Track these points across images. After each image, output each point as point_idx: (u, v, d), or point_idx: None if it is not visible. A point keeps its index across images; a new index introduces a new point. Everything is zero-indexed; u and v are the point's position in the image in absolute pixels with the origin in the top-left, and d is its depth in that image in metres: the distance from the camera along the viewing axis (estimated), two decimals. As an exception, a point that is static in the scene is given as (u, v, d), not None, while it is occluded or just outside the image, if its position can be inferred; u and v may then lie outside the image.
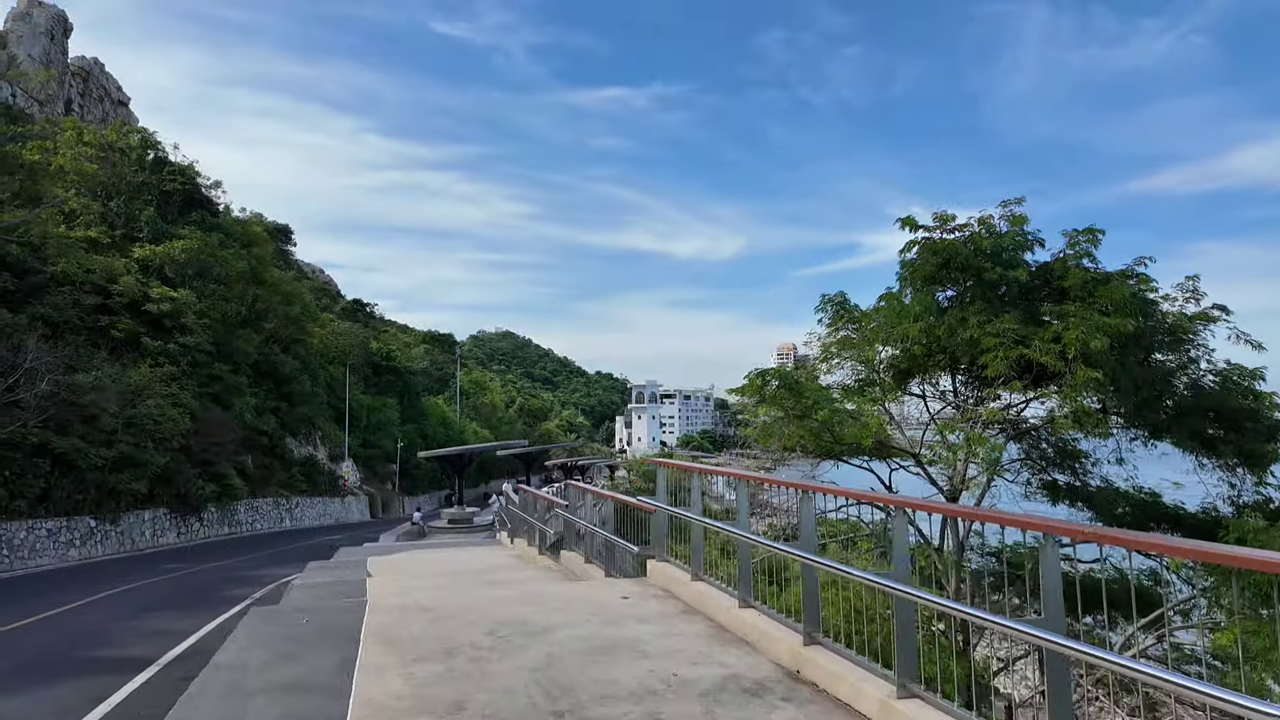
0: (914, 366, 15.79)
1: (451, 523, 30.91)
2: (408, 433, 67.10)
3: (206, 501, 33.67)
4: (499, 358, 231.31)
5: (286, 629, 6.37)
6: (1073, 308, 12.50)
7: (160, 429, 29.98)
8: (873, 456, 17.18)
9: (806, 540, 5.36)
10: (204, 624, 13.49)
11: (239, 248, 41.41)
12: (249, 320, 42.06)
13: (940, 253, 13.39)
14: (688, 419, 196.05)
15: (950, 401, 17.19)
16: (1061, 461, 16.72)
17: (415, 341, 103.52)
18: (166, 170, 39.48)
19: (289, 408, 45.95)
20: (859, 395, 16.32)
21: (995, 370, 12.63)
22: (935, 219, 13.81)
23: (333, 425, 54.05)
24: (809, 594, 5.29)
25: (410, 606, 7.07)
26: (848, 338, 17.49)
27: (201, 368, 35.98)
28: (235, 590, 18.16)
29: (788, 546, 5.30)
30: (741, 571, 6.24)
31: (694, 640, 5.90)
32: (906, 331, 13.50)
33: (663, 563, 8.08)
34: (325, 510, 46.66)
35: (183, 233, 37.02)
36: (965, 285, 14.43)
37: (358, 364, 63.04)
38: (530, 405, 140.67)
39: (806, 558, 5.15)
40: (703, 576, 7.13)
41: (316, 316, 55.75)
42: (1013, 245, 13.55)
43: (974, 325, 12.97)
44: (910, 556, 13.14)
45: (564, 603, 7.17)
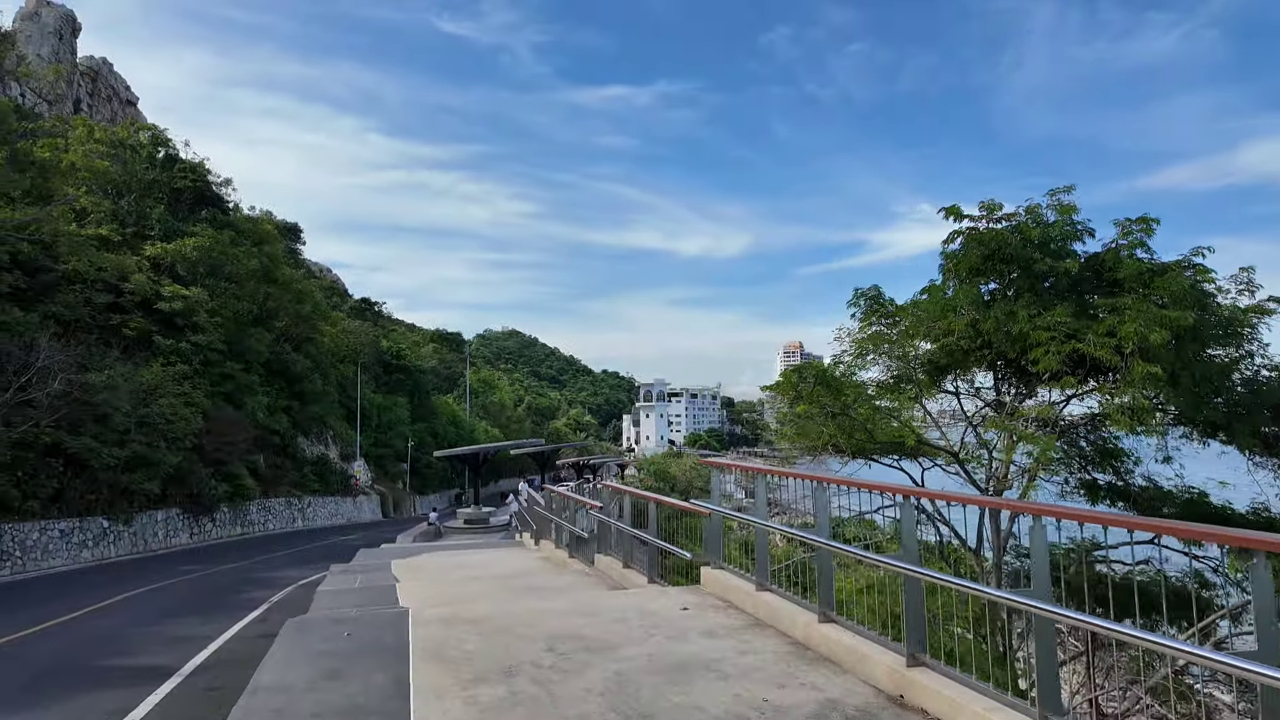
0: (952, 362, 15.27)
1: (468, 523, 30.44)
2: (418, 432, 66.79)
3: (219, 501, 33.35)
4: (505, 356, 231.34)
5: (327, 643, 5.91)
6: (1128, 300, 11.96)
7: (173, 428, 29.64)
8: (904, 455, 16.68)
9: (908, 550, 4.86)
10: (225, 629, 13.09)
11: (250, 245, 41.07)
12: (260, 319, 41.71)
13: (988, 243, 12.84)
14: (694, 418, 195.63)
15: (987, 400, 16.70)
16: (1101, 460, 16.14)
17: (423, 340, 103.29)
18: (177, 167, 39.15)
19: (301, 406, 45.63)
20: (894, 392, 15.80)
21: (1047, 365, 12.09)
22: (981, 208, 13.26)
23: (344, 424, 53.73)
24: (913, 610, 4.79)
25: (456, 619, 6.59)
26: (880, 333, 17.00)
27: (213, 366, 35.66)
28: (253, 592, 17.77)
29: (890, 559, 4.80)
30: (822, 583, 5.74)
31: (773, 659, 5.41)
32: (951, 325, 12.96)
33: (718, 570, 7.58)
34: (337, 510, 46.34)
35: (194, 230, 36.68)
36: (1009, 277, 13.90)
37: (368, 363, 62.76)
38: (538, 404, 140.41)
39: (913, 570, 4.65)
40: (770, 587, 6.63)
41: (328, 315, 55.41)
42: (1061, 235, 13.00)
43: (1023, 318, 12.43)
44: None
45: (618, 614, 6.68)
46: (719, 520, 7.72)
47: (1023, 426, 12.68)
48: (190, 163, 40.03)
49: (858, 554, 5.35)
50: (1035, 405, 13.51)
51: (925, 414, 15.91)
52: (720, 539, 7.74)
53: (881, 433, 16.40)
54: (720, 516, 7.71)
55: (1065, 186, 13.11)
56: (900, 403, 14.69)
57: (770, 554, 6.96)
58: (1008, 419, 13.28)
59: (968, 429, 16.57)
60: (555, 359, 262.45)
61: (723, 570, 7.57)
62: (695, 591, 7.56)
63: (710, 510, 7.70)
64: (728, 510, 7.45)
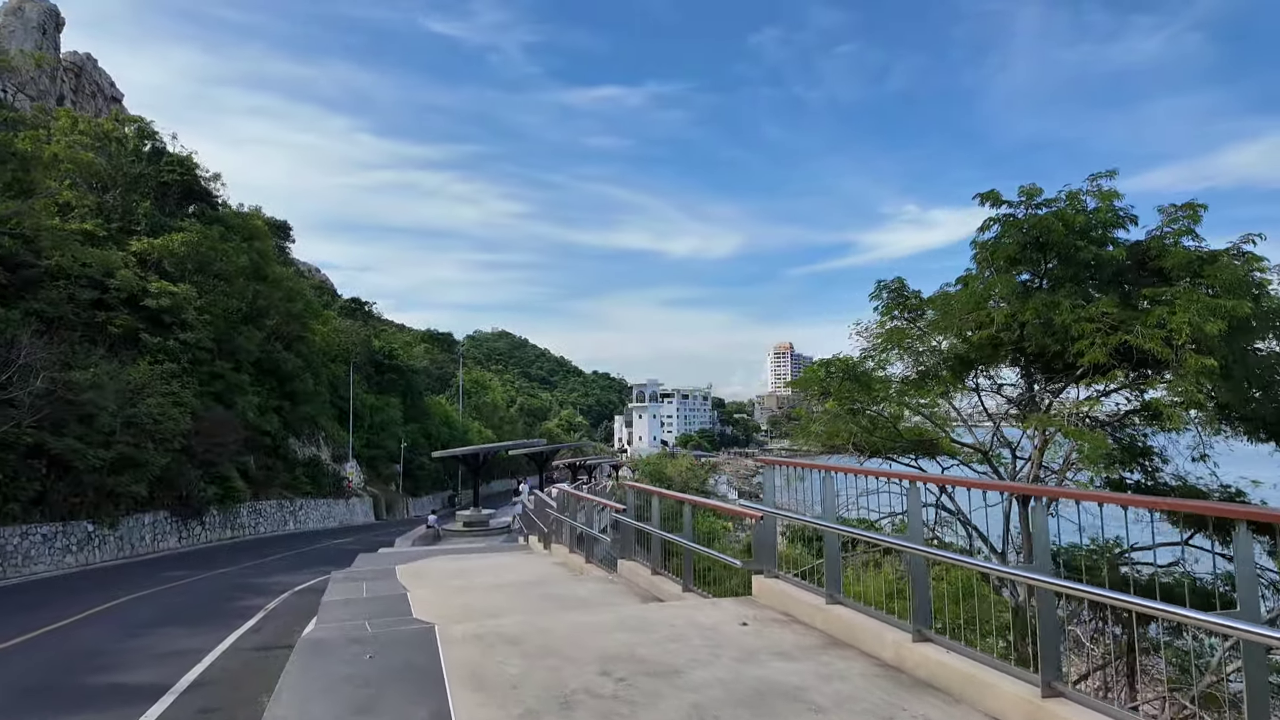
0: (981, 357, 14.65)
1: (467, 526, 29.55)
2: (411, 433, 65.80)
3: (209, 504, 32.38)
4: (496, 357, 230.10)
5: (348, 667, 5.15)
6: (1179, 289, 11.35)
7: (160, 429, 28.66)
8: (924, 454, 16.05)
9: (1041, 562, 4.17)
10: (217, 641, 12.28)
11: (240, 241, 40.01)
12: (251, 317, 40.68)
13: (1030, 230, 12.20)
14: (685, 418, 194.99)
15: (1010, 397, 16.10)
16: (1130, 459, 15.55)
17: (415, 341, 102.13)
18: (164, 161, 38.07)
19: (292, 407, 44.60)
20: (919, 389, 15.16)
21: (1093, 358, 11.46)
22: (1021, 193, 12.63)
23: (336, 425, 52.70)
24: (1046, 631, 4.09)
25: (489, 636, 5.85)
26: (898, 329, 16.39)
27: (202, 365, 34.65)
28: (246, 600, 16.93)
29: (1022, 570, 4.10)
30: (917, 594, 5.04)
31: (865, 685, 4.70)
32: (990, 316, 12.31)
33: (773, 580, 6.87)
34: (330, 512, 45.35)
35: (182, 226, 35.64)
36: (1046, 267, 13.28)
37: (360, 362, 61.70)
38: (530, 405, 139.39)
39: (1048, 581, 3.95)
40: (843, 599, 5.92)
41: (319, 313, 54.33)
42: (1104, 222, 12.38)
43: (1066, 310, 11.80)
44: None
45: (672, 630, 5.96)
46: (772, 525, 7.01)
47: (1068, 423, 12.04)
48: (178, 156, 38.95)
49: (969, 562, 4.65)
50: (1078, 400, 12.90)
51: (954, 412, 15.30)
52: (774, 544, 7.03)
53: (907, 430, 15.80)
54: (774, 520, 7.00)
55: (1108, 171, 12.53)
56: (931, 399, 14.04)
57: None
58: (1046, 415, 12.63)
59: (997, 427, 15.99)
60: (546, 360, 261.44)
61: (779, 580, 6.86)
62: (749, 603, 6.84)
63: (762, 513, 6.99)
64: (788, 513, 6.73)
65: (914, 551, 4.98)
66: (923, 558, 5.08)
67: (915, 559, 5.10)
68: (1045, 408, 14.64)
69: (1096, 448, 11.24)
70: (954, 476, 13.98)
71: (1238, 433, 13.70)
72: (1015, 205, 12.70)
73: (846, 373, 13.80)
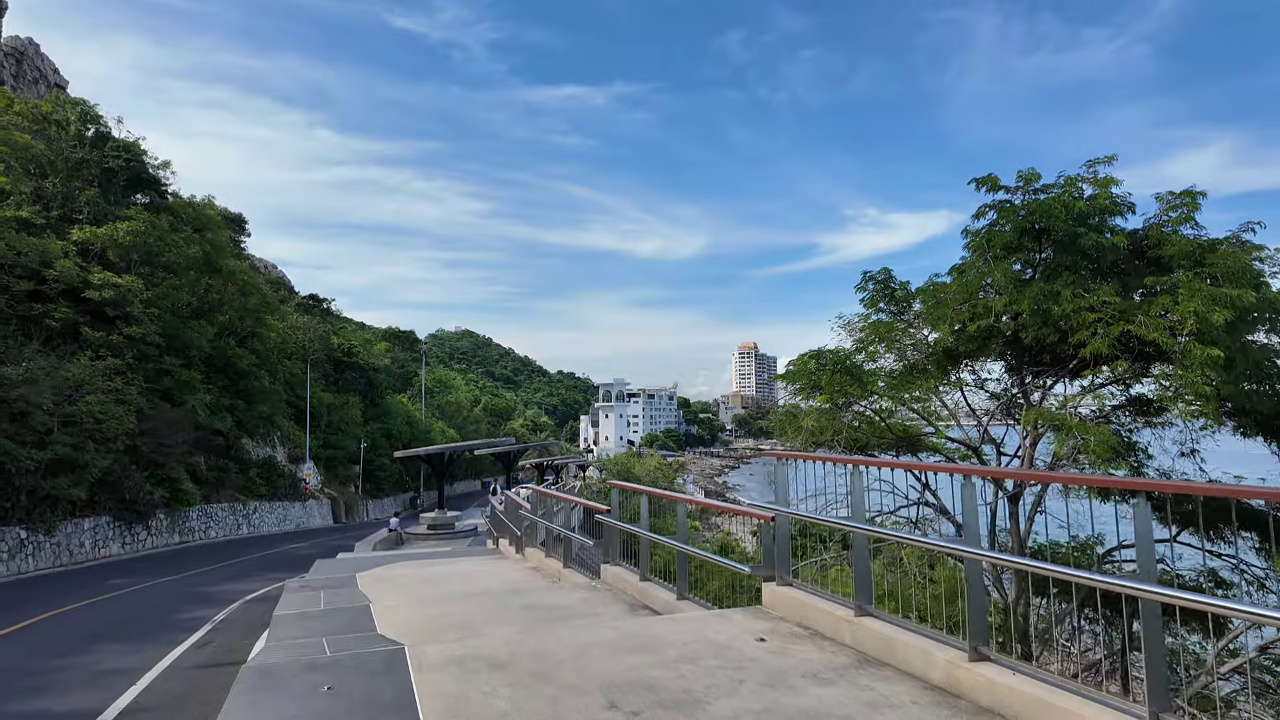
0: (971, 350, 14.20)
1: (432, 529, 28.35)
2: (371, 433, 64.00)
3: (155, 508, 30.65)
4: (459, 356, 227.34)
5: (301, 704, 4.29)
6: (1183, 277, 10.96)
7: (103, 428, 27.00)
8: (905, 450, 15.59)
9: (1146, 569, 3.51)
10: (158, 659, 11.17)
11: (191, 232, 38.12)
12: (202, 311, 38.80)
13: (1031, 216, 11.72)
14: (651, 418, 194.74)
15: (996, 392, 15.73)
16: (1114, 456, 15.27)
17: (375, 338, 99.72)
18: (109, 146, 36.01)
19: (246, 405, 42.76)
20: (906, 382, 14.65)
21: (1096, 349, 11.01)
22: (1019, 179, 12.15)
23: (293, 424, 50.83)
24: (1152, 653, 3.43)
25: (470, 659, 5.02)
26: (880, 322, 15.91)
27: (149, 361, 32.84)
28: (192, 611, 15.72)
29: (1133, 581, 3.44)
30: (972, 607, 4.36)
31: (924, 716, 4.00)
32: (987, 305, 11.81)
33: (786, 588, 6.16)
34: (286, 515, 43.61)
35: (128, 214, 33.73)
36: (1039, 255, 12.85)
37: (318, 360, 59.76)
38: (494, 405, 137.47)
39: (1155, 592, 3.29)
40: (874, 611, 5.23)
41: (275, 309, 52.31)
42: (1103, 209, 11.96)
43: (1067, 298, 11.34)
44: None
45: (682, 649, 5.20)
46: (786, 526, 6.29)
47: (1070, 416, 11.58)
48: (123, 142, 36.89)
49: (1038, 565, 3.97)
50: (1076, 393, 12.48)
51: (944, 407, 14.83)
52: (788, 548, 6.31)
53: (894, 426, 15.30)
54: (786, 520, 6.29)
55: (1106, 157, 12.08)
56: (924, 394, 13.52)
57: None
58: (1045, 410, 12.18)
59: (986, 424, 15.58)
60: (510, 359, 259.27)
61: (793, 588, 6.15)
62: (760, 615, 6.12)
63: (773, 513, 6.27)
64: (804, 512, 6.02)
65: (973, 556, 4.30)
66: (980, 563, 4.41)
67: (971, 563, 4.42)
68: (1037, 402, 14.26)
69: (1104, 441, 10.77)
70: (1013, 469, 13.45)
71: (1231, 427, 13.46)
72: (1013, 191, 12.24)
73: (838, 365, 13.18)
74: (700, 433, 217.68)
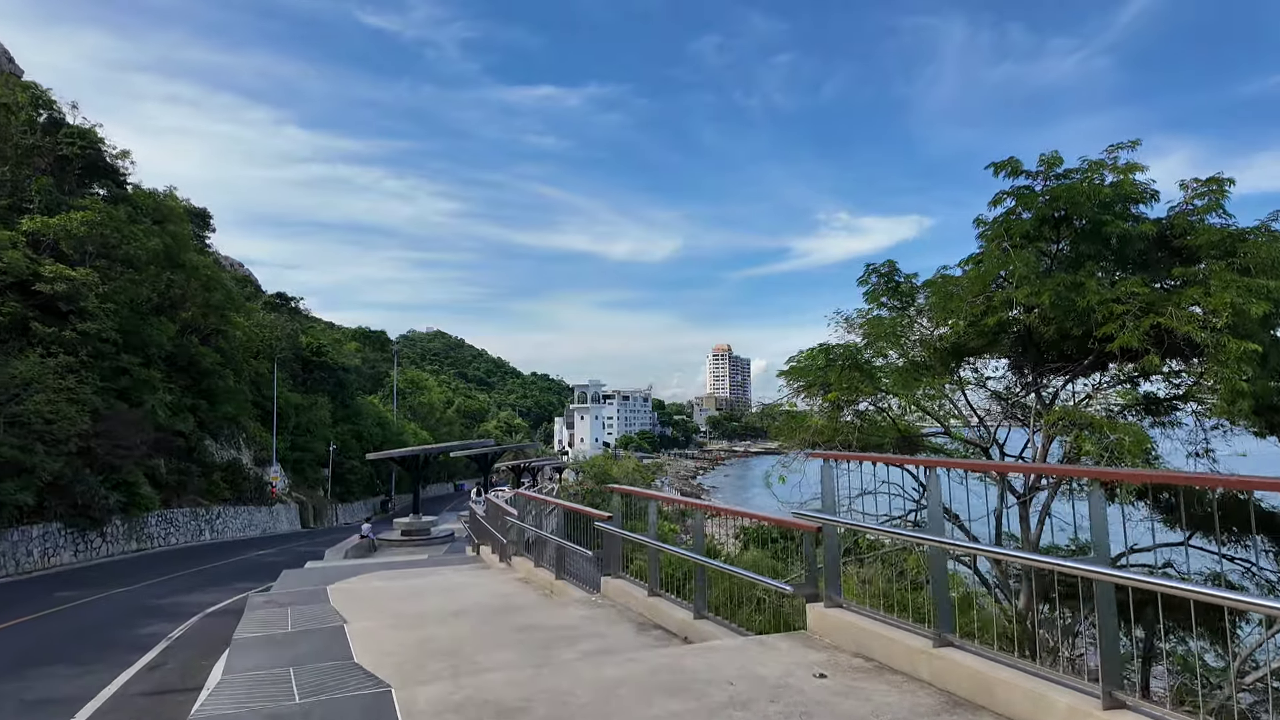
0: (980, 345, 13.54)
1: (406, 535, 27.11)
2: (341, 434, 62.28)
3: (110, 513, 29.02)
4: (431, 357, 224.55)
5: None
6: (1217, 267, 10.36)
7: (53, 429, 25.40)
8: (904, 450, 14.91)
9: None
10: (102, 685, 10.01)
11: (151, 224, 36.38)
12: (163, 307, 37.10)
13: (1053, 202, 11.04)
14: (626, 419, 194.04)
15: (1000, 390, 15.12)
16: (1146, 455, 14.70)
17: (346, 338, 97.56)
18: (63, 133, 34.17)
19: (209, 406, 41.01)
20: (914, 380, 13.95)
21: (1125, 342, 10.35)
22: (1041, 163, 11.48)
23: (259, 425, 49.05)
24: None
25: (472, 706, 4.09)
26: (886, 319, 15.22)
27: (105, 359, 31.14)
28: (147, 626, 14.49)
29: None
30: (1105, 643, 3.53)
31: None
32: (1009, 296, 11.09)
33: (835, 610, 5.31)
34: (251, 520, 41.93)
35: (83, 204, 32.00)
36: (1059, 245, 12.20)
37: (286, 359, 57.91)
38: (468, 406, 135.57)
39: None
40: (956, 640, 4.39)
41: (241, 305, 50.45)
42: (1127, 196, 11.33)
43: (1093, 289, 10.68)
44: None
45: (729, 691, 4.32)
46: (835, 538, 5.44)
47: (1099, 414, 10.93)
48: (78, 128, 35.06)
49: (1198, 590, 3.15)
50: (1089, 390, 11.89)
51: (953, 406, 14.15)
52: (838, 563, 5.46)
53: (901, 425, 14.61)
54: (835, 532, 5.43)
55: (1129, 141, 11.44)
56: (938, 392, 12.81)
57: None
58: (1071, 408, 11.52)
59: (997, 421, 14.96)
60: (483, 360, 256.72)
61: (844, 610, 5.30)
62: (809, 643, 5.26)
63: (819, 523, 5.41)
64: (861, 522, 5.17)
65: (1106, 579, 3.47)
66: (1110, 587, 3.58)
67: (1102, 586, 3.59)
68: (1050, 400, 13.64)
69: (1140, 441, 10.12)
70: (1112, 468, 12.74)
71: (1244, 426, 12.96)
72: (1033, 176, 11.56)
73: (848, 361, 12.39)
74: (675, 434, 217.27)
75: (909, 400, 12.44)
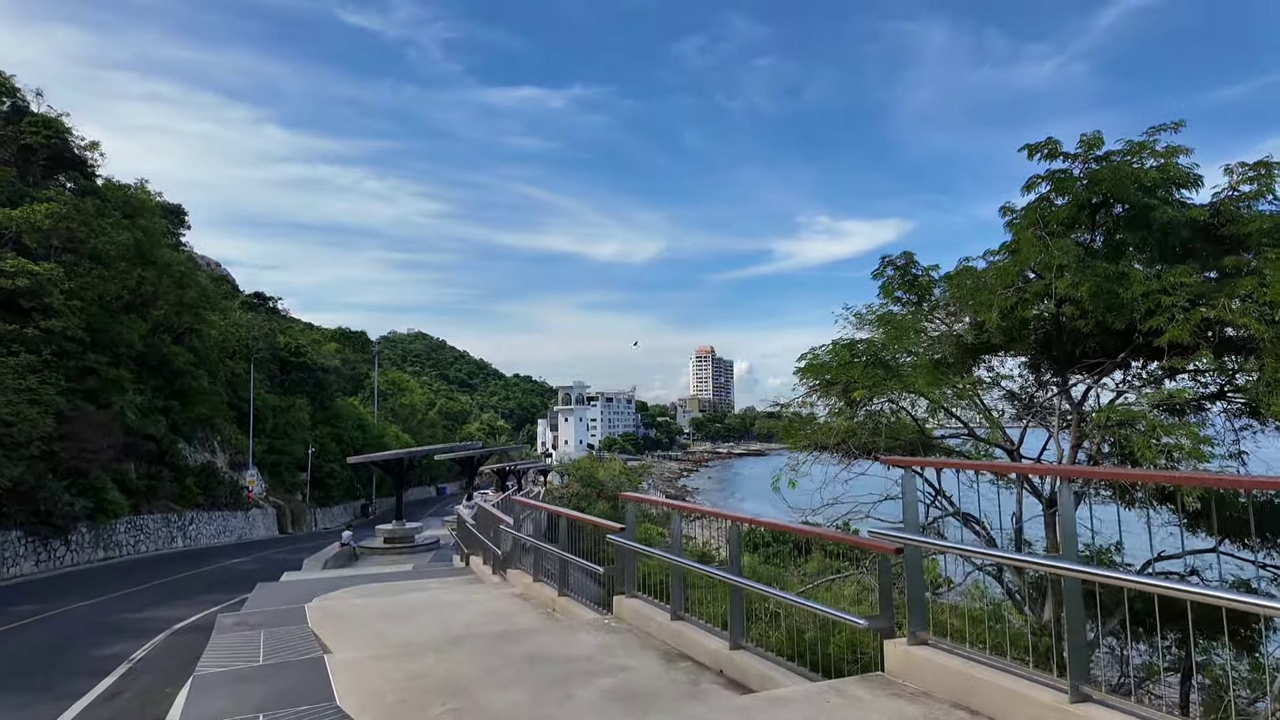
0: (1004, 341, 12.77)
1: (389, 542, 25.90)
2: (320, 437, 60.74)
3: (75, 520, 27.61)
4: (412, 359, 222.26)
5: None
6: (1271, 255, 9.64)
7: (13, 432, 24.02)
8: (916, 453, 14.13)
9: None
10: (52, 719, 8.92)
11: (121, 218, 34.89)
12: (134, 305, 35.61)
13: (1094, 186, 10.26)
14: (610, 421, 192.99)
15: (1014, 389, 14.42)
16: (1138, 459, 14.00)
17: (325, 339, 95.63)
18: (26, 121, 32.65)
19: (182, 407, 39.50)
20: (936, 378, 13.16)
21: (1175, 336, 9.60)
22: (1080, 144, 10.69)
23: (234, 428, 47.52)
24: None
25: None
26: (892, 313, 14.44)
27: (71, 358, 29.70)
28: (107, 646, 13.33)
29: None
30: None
31: None
32: (1050, 286, 10.29)
33: (921, 648, 4.41)
34: (226, 526, 40.46)
35: (48, 195, 30.53)
36: (1093, 233, 11.45)
37: (263, 359, 56.31)
38: (449, 408, 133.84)
39: None
40: (1097, 696, 3.51)
41: (216, 304, 48.84)
42: (1172, 180, 10.59)
43: (1140, 280, 9.92)
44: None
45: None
46: (919, 561, 4.54)
47: (1149, 413, 10.16)
48: (43, 117, 33.51)
49: None
50: (1176, 389, 11.17)
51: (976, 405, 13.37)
52: (923, 592, 4.57)
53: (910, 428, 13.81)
54: (919, 554, 4.54)
55: (1173, 123, 10.69)
56: (966, 389, 12.01)
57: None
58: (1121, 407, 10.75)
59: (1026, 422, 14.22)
60: (465, 362, 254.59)
61: (933, 649, 4.40)
62: (894, 689, 4.35)
63: (901, 543, 4.51)
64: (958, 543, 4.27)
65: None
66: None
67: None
68: (1080, 399, 12.91)
69: (1197, 441, 9.38)
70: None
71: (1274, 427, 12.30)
72: (1072, 159, 10.78)
73: (873, 357, 11.52)
74: (658, 436, 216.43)
75: (938, 400, 11.61)
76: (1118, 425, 10.22)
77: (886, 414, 13.95)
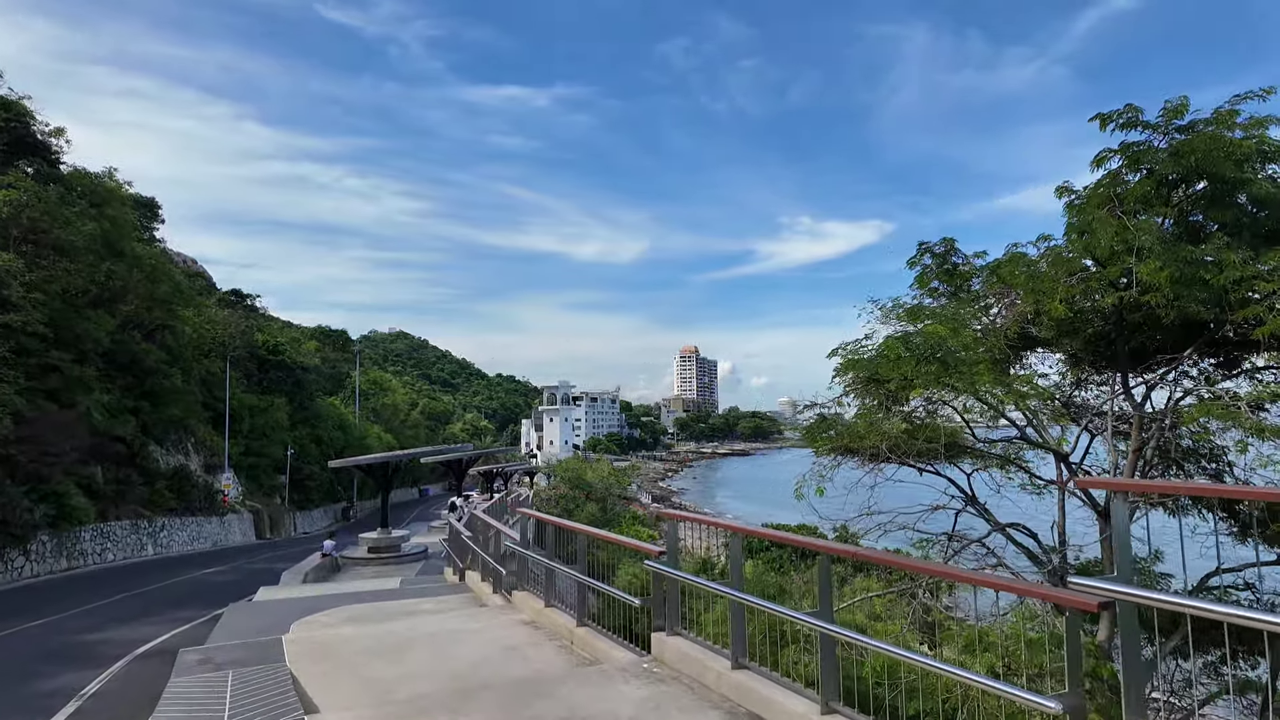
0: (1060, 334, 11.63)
1: (374, 551, 24.37)
2: (299, 438, 58.83)
3: (35, 528, 25.82)
4: (393, 359, 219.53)
5: None
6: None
7: (-36, 434, 22.26)
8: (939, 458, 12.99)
9: None
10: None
11: (87, 206, 33.04)
12: (101, 300, 33.75)
13: (1181, 157, 9.11)
14: (594, 421, 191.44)
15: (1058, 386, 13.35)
16: (1180, 461, 12.90)
17: (305, 337, 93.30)
18: (-15, 104, 30.87)
19: (153, 408, 37.63)
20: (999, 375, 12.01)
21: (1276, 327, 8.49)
22: (1163, 113, 9.53)
23: (209, 429, 45.61)
24: None
25: None
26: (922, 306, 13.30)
27: (32, 355, 27.87)
28: (56, 677, 11.80)
29: None
30: None
31: None
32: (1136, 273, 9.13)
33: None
34: (200, 532, 38.61)
35: (6, 180, 28.68)
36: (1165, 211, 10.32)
37: (240, 358, 54.32)
38: (432, 408, 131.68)
39: None
40: None
41: (190, 300, 46.87)
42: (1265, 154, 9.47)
43: (1235, 265, 8.79)
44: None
45: None
46: (1133, 620, 3.28)
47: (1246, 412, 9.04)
48: (3, 99, 31.63)
49: None
50: (1234, 386, 10.04)
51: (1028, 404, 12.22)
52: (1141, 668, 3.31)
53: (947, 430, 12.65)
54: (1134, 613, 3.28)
55: (1263, 89, 9.56)
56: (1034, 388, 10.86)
57: None
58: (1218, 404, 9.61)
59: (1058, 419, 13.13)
60: (447, 362, 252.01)
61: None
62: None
63: (1109, 597, 3.25)
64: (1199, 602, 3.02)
65: None
66: None
67: None
68: (1139, 399, 11.81)
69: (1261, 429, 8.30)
70: None
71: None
72: (1153, 129, 9.63)
73: (930, 351, 10.29)
74: (643, 436, 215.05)
75: (1001, 398, 10.41)
76: (1202, 429, 9.08)
77: (921, 414, 12.81)
